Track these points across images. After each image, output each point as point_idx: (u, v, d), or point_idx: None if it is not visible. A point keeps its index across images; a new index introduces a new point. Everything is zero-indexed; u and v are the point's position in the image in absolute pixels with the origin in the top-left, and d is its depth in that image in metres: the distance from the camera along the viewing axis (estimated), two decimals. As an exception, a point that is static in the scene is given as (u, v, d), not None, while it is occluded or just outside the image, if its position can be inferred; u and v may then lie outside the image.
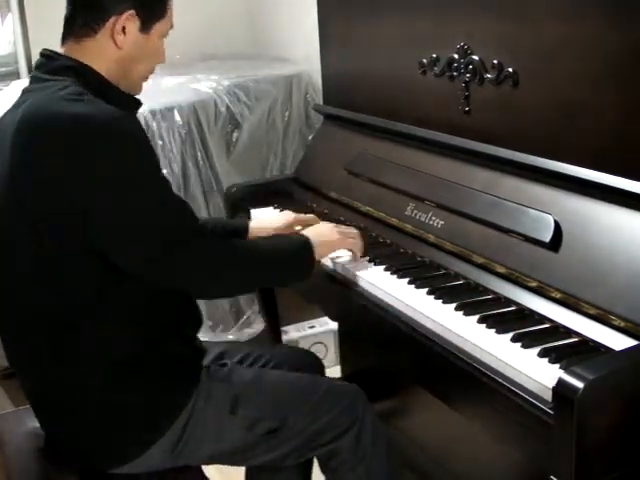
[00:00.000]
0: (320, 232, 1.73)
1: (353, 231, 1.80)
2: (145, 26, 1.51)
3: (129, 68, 1.53)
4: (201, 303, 2.96)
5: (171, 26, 1.57)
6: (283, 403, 1.60)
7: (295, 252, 1.65)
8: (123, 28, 1.48)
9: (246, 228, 1.88)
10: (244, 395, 1.57)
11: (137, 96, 1.60)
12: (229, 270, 1.53)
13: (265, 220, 1.97)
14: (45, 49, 1.52)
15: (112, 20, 1.47)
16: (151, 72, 1.60)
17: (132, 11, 1.47)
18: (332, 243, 1.73)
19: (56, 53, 1.51)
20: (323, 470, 1.68)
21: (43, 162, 1.38)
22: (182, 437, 1.51)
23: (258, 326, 3.11)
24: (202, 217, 2.04)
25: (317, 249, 1.66)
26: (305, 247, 1.65)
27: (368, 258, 1.79)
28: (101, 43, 1.48)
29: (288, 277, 1.69)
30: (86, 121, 1.37)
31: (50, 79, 1.46)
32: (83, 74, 1.47)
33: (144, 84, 1.61)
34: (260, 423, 1.57)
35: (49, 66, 1.49)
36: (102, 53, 1.49)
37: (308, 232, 1.72)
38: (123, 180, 1.38)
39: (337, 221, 1.97)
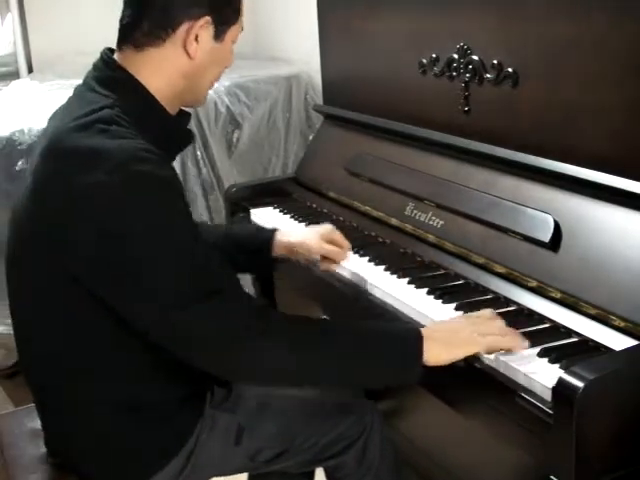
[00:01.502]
0: (447, 327, 1.35)
1: (502, 327, 1.36)
2: (219, 32, 1.37)
3: (198, 79, 1.39)
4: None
5: (242, 29, 1.44)
6: (289, 427, 1.52)
7: (393, 348, 1.28)
8: (196, 36, 1.34)
9: (269, 243, 1.71)
10: (249, 426, 1.49)
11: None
12: (265, 346, 1.25)
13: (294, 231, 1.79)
14: (106, 51, 1.40)
15: (185, 27, 1.33)
16: (217, 80, 1.47)
17: (208, 17, 1.33)
18: (459, 345, 1.30)
19: (113, 60, 1.38)
20: (329, 478, 1.65)
21: (49, 199, 1.29)
22: (186, 466, 1.45)
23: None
24: (224, 225, 1.82)
25: (430, 348, 1.27)
26: (409, 344, 1.28)
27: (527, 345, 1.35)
28: (168, 54, 1.34)
29: (371, 378, 1.34)
30: (100, 157, 1.23)
31: (96, 91, 1.35)
32: (132, 93, 1.35)
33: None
34: (264, 451, 1.52)
35: (102, 73, 1.37)
36: (168, 64, 1.35)
37: (430, 327, 1.35)
38: (129, 234, 1.23)
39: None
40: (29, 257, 1.37)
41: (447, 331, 1.33)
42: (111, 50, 1.41)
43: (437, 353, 1.29)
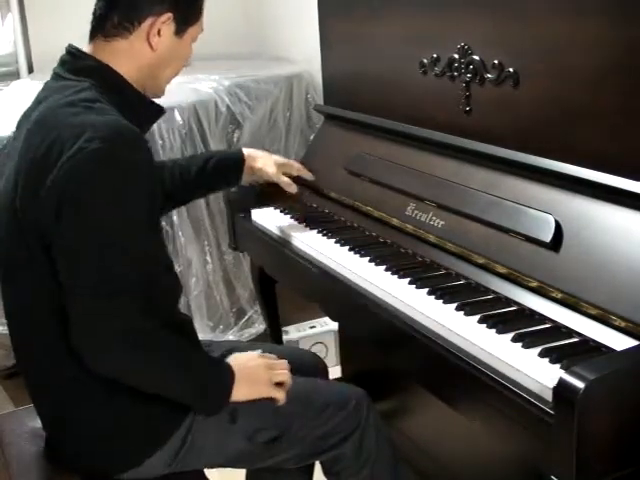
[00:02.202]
0: (249, 373, 1.53)
1: (285, 371, 1.58)
2: (180, 30, 1.50)
3: (159, 71, 1.52)
4: (201, 303, 2.99)
5: (201, 30, 1.57)
6: (285, 412, 1.56)
7: (210, 380, 1.48)
8: (159, 31, 1.47)
9: (241, 166, 2.00)
10: (244, 405, 1.53)
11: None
12: (127, 349, 1.38)
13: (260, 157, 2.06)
14: (71, 46, 1.50)
15: (149, 22, 1.46)
16: (177, 75, 1.60)
17: (170, 14, 1.47)
18: (257, 390, 1.53)
19: (81, 51, 1.49)
20: (326, 474, 1.67)
21: (36, 170, 1.37)
22: (183, 447, 1.50)
23: (260, 326, 3.11)
24: (199, 156, 2.10)
25: (237, 389, 1.49)
26: (224, 381, 1.49)
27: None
28: (134, 44, 1.47)
29: (184, 398, 1.49)
30: (86, 130, 1.33)
31: (70, 79, 1.44)
32: (105, 77, 1.45)
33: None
34: (261, 433, 1.55)
35: (72, 65, 1.47)
36: (134, 55, 1.48)
37: (238, 368, 1.51)
38: (98, 207, 1.33)
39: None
40: (13, 239, 1.43)
41: (250, 378, 1.52)
42: (74, 48, 1.51)
43: (237, 394, 1.49)
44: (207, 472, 1.65)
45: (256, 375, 1.53)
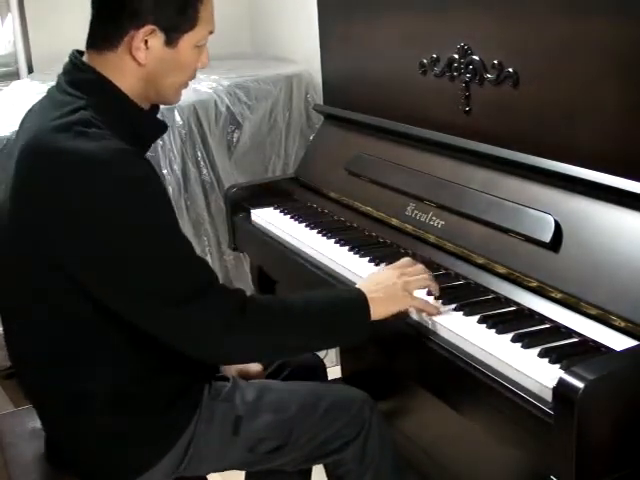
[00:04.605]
0: (380, 284, 1.49)
1: (423, 275, 1.54)
2: (171, 39, 1.39)
3: (158, 83, 1.43)
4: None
5: (211, 31, 1.45)
6: (287, 420, 1.54)
7: (346, 313, 1.46)
8: (146, 42, 1.37)
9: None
10: (247, 416, 1.53)
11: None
12: (248, 334, 1.38)
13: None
14: (74, 54, 1.45)
15: (130, 35, 1.37)
16: (190, 79, 1.51)
17: (151, 26, 1.36)
18: (394, 302, 1.49)
19: (82, 62, 1.42)
20: (329, 477, 1.66)
21: (32, 198, 1.34)
22: (184, 459, 1.48)
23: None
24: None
25: (374, 308, 1.46)
26: (358, 306, 1.45)
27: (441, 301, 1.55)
28: (122, 58, 1.39)
29: (333, 342, 1.60)
30: (83, 159, 1.29)
31: (70, 93, 1.39)
32: (105, 93, 1.40)
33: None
34: (263, 443, 1.53)
35: (73, 76, 1.41)
36: (124, 69, 1.40)
37: (366, 285, 1.50)
38: (115, 229, 1.30)
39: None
40: (14, 256, 1.41)
41: (384, 292, 1.48)
42: (79, 52, 1.46)
43: (376, 312, 1.47)
44: (207, 472, 1.66)
45: (390, 290, 1.48)
